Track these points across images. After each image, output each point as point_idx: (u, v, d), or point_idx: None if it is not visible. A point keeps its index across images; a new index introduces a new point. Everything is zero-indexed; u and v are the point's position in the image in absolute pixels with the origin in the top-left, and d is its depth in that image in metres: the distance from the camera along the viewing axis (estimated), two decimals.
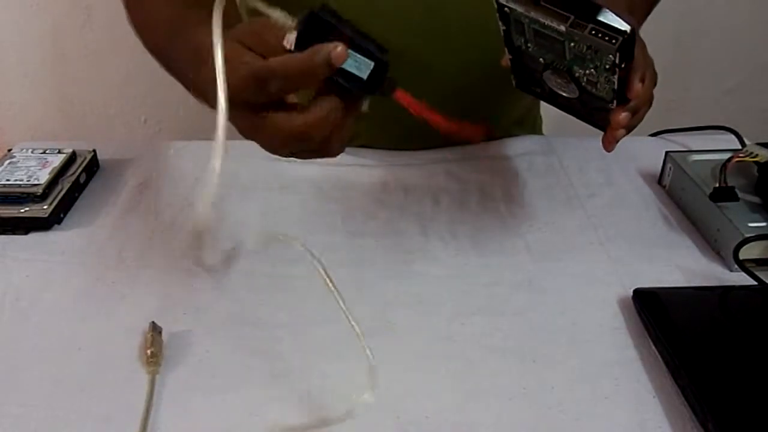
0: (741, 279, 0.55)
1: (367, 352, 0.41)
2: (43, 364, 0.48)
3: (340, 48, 0.39)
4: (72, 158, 0.68)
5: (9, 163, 0.66)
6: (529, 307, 0.53)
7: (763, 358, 0.47)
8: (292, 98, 0.43)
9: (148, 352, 0.47)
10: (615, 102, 0.48)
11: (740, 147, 0.67)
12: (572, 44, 0.45)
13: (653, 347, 0.49)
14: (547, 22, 0.43)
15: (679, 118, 0.80)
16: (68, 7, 1.40)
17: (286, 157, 0.46)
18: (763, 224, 0.57)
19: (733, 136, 0.72)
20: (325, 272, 0.43)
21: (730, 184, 0.60)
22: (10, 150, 0.68)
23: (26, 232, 0.61)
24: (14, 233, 0.61)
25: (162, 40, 0.55)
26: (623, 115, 0.48)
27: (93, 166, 0.70)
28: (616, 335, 0.51)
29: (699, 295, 0.54)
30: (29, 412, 0.44)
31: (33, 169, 0.64)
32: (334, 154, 0.46)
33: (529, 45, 0.49)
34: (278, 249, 0.60)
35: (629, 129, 0.49)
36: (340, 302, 0.42)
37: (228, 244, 0.60)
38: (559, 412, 0.44)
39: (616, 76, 0.45)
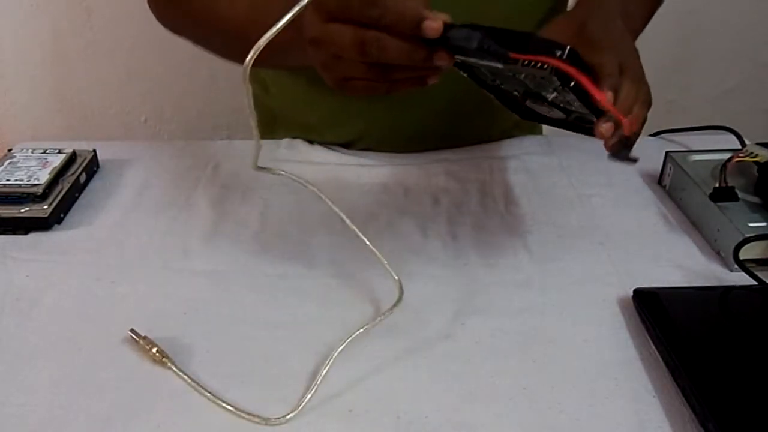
0: (741, 279, 0.55)
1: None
2: (43, 364, 0.48)
3: (435, 23, 0.41)
4: (72, 158, 0.68)
5: (9, 163, 0.66)
6: (529, 307, 0.53)
7: (763, 358, 0.47)
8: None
9: (154, 350, 0.47)
10: (595, 116, 0.46)
11: (740, 147, 0.67)
12: (522, 76, 0.44)
13: (653, 347, 0.49)
14: (486, 62, 0.43)
15: (679, 118, 0.81)
16: (68, 7, 1.40)
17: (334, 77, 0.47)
18: (763, 224, 0.57)
19: (733, 136, 0.72)
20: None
21: (730, 184, 0.60)
22: (10, 150, 0.69)
23: (26, 232, 0.61)
24: (14, 233, 0.61)
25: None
26: (604, 127, 0.46)
27: (93, 166, 0.70)
28: (616, 335, 0.51)
29: (699, 295, 0.54)
30: (29, 412, 0.44)
31: (33, 169, 0.64)
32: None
33: (496, 82, 0.49)
34: (278, 249, 0.60)
35: (628, 136, 0.48)
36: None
37: (228, 244, 0.61)
38: (559, 412, 0.44)
39: (571, 95, 0.44)
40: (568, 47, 0.41)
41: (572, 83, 0.42)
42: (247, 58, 0.41)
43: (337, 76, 0.47)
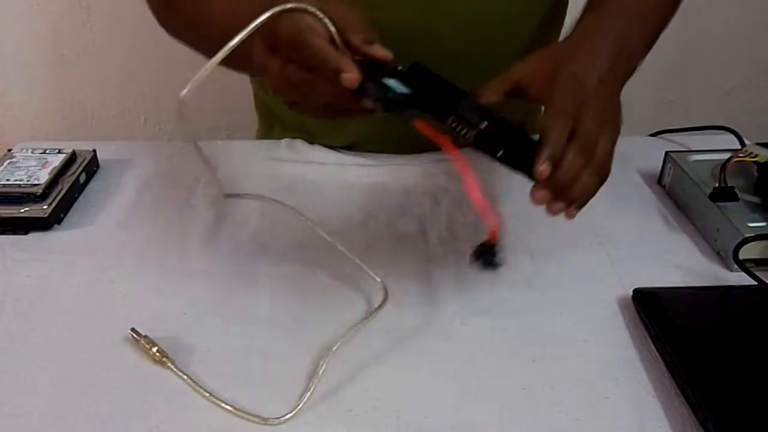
0: (741, 279, 0.55)
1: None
2: (43, 364, 0.48)
3: (351, 75, 0.42)
4: (72, 158, 0.68)
5: (9, 163, 0.66)
6: (529, 307, 0.53)
7: (763, 358, 0.47)
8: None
9: (155, 350, 0.47)
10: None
11: (740, 147, 0.67)
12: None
13: (653, 347, 0.49)
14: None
15: (679, 118, 0.81)
16: (68, 7, 1.40)
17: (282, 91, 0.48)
18: (763, 224, 0.57)
19: (732, 136, 0.72)
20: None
21: (729, 184, 0.60)
22: (10, 150, 0.68)
23: (26, 232, 0.61)
24: (14, 233, 0.61)
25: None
26: (539, 195, 0.44)
27: (93, 166, 0.70)
28: (616, 335, 0.51)
29: (699, 295, 0.54)
30: (29, 412, 0.44)
31: (33, 169, 0.64)
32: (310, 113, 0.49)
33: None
34: (277, 249, 0.60)
35: (492, 243, 0.46)
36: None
37: (228, 244, 0.61)
38: (559, 412, 0.44)
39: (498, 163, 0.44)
40: (480, 129, 0.42)
41: (499, 154, 0.43)
42: (183, 91, 0.45)
43: (284, 100, 0.48)
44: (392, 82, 0.43)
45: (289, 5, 0.43)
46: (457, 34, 0.66)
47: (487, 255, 0.45)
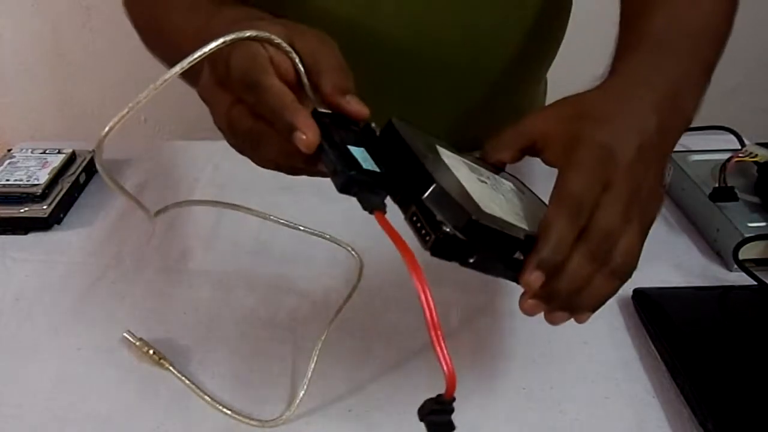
0: (741, 279, 0.55)
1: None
2: (43, 364, 0.48)
3: (307, 137, 0.33)
4: (72, 158, 0.68)
5: (9, 163, 0.66)
6: None
7: (763, 358, 0.47)
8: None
9: (151, 352, 0.47)
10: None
11: (740, 147, 0.67)
12: None
13: (653, 347, 0.49)
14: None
15: None
16: (68, 7, 1.40)
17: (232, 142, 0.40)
18: (763, 224, 0.57)
19: (732, 136, 0.72)
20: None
21: (729, 184, 0.60)
22: (10, 150, 0.68)
23: (26, 232, 0.61)
24: (14, 233, 0.61)
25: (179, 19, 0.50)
26: (527, 306, 0.35)
27: (93, 166, 0.70)
28: (616, 335, 0.51)
29: (699, 295, 0.54)
30: (29, 412, 0.44)
31: (33, 169, 0.64)
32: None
33: None
34: (277, 249, 0.60)
35: (446, 399, 0.35)
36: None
37: (227, 244, 0.61)
38: (559, 412, 0.44)
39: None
40: (446, 231, 0.32)
41: (471, 260, 0.34)
42: (108, 125, 0.35)
43: (228, 141, 0.40)
44: (358, 153, 0.34)
45: (248, 32, 0.34)
46: (447, 44, 0.66)
47: (440, 413, 0.35)
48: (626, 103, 0.39)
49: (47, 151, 0.68)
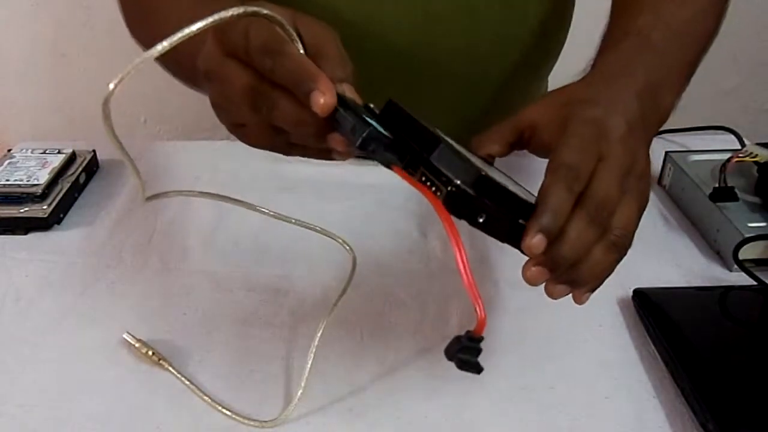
0: (741, 279, 0.55)
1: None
2: (43, 364, 0.48)
3: (327, 98, 0.33)
4: (72, 158, 0.68)
5: (9, 163, 0.66)
6: (529, 307, 0.53)
7: (763, 358, 0.47)
8: None
9: (150, 353, 0.47)
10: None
11: (740, 147, 0.67)
12: None
13: (653, 347, 0.49)
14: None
15: (679, 118, 0.80)
16: (68, 7, 1.40)
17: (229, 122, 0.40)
18: (763, 224, 0.57)
19: (732, 136, 0.72)
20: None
21: (729, 184, 0.60)
22: (10, 150, 0.68)
23: (26, 232, 0.61)
24: (14, 233, 0.61)
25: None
26: (529, 274, 0.35)
27: (93, 166, 0.70)
28: (616, 335, 0.51)
29: (699, 295, 0.54)
30: (29, 412, 0.44)
31: (33, 169, 0.64)
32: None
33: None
34: (277, 249, 0.60)
35: (477, 336, 0.34)
36: None
37: (227, 244, 0.61)
38: (559, 412, 0.44)
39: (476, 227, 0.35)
40: (458, 183, 0.33)
41: (480, 220, 0.34)
42: (111, 84, 0.35)
43: (228, 120, 0.40)
44: (372, 120, 0.35)
45: (256, 8, 0.34)
46: (448, 52, 0.66)
47: (469, 352, 0.35)
48: (609, 88, 0.41)
49: (47, 151, 0.68)
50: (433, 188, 0.35)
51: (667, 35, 0.47)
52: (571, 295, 0.38)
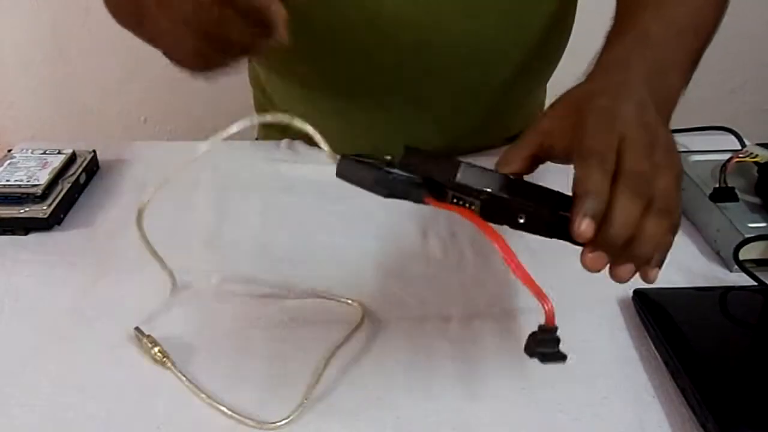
0: (741, 279, 0.55)
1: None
2: (43, 364, 0.48)
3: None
4: (72, 158, 0.68)
5: (9, 164, 0.66)
6: (529, 307, 0.53)
7: (763, 358, 0.47)
8: None
9: (156, 349, 0.47)
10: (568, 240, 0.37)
11: (740, 147, 0.67)
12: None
13: (653, 347, 0.49)
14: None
15: (679, 118, 0.80)
16: (68, 7, 1.40)
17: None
18: (763, 225, 0.57)
19: (732, 137, 0.72)
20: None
21: (730, 185, 0.60)
22: (10, 150, 0.68)
23: (26, 233, 0.61)
24: (14, 233, 0.61)
25: None
26: (589, 260, 0.36)
27: (93, 167, 0.70)
28: (616, 335, 0.51)
29: (699, 295, 0.54)
30: (29, 412, 0.44)
31: (33, 170, 0.64)
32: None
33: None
34: (278, 249, 0.60)
35: (550, 326, 0.37)
36: None
37: (228, 244, 0.61)
38: (559, 412, 0.44)
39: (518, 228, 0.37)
40: (488, 191, 0.35)
41: (521, 220, 0.36)
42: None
43: (202, 28, 0.40)
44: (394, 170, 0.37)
45: None
46: (450, 53, 0.65)
47: (548, 344, 0.37)
48: (613, 79, 0.42)
49: (47, 152, 0.67)
50: (467, 204, 0.36)
51: (665, 28, 0.48)
52: (637, 275, 0.39)
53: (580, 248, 0.38)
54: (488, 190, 0.35)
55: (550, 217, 0.35)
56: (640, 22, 0.49)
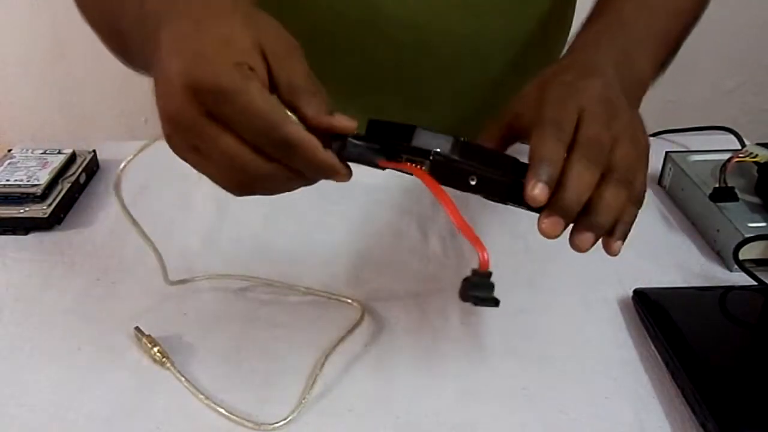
0: (741, 279, 0.55)
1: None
2: (43, 364, 0.48)
3: (343, 174, 0.36)
4: (72, 158, 0.68)
5: (9, 164, 0.66)
6: (529, 307, 0.53)
7: (763, 359, 0.47)
8: None
9: (156, 349, 0.47)
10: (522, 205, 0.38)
11: (740, 147, 0.67)
12: None
13: (653, 347, 0.49)
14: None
15: (679, 118, 0.80)
16: (68, 7, 1.40)
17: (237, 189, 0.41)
18: (763, 224, 0.57)
19: (732, 137, 0.72)
20: None
21: (729, 185, 0.60)
22: (10, 150, 0.68)
23: (26, 232, 0.61)
24: (14, 233, 0.61)
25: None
26: (544, 224, 0.36)
27: (93, 167, 0.70)
28: (616, 335, 0.51)
29: (699, 295, 0.54)
30: (29, 412, 0.44)
31: (33, 170, 0.64)
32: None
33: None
34: (278, 249, 0.60)
35: (483, 271, 0.36)
36: None
37: (228, 244, 0.61)
38: (559, 412, 0.44)
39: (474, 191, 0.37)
40: (435, 151, 0.35)
41: (472, 182, 0.36)
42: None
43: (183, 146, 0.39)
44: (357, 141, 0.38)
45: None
46: (450, 49, 0.66)
47: (482, 289, 0.37)
48: (579, 58, 0.43)
49: (47, 152, 0.68)
50: (420, 166, 0.36)
51: (637, 9, 0.50)
52: (603, 250, 0.39)
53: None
54: (437, 150, 0.35)
55: (501, 179, 0.36)
56: (616, 4, 0.50)
